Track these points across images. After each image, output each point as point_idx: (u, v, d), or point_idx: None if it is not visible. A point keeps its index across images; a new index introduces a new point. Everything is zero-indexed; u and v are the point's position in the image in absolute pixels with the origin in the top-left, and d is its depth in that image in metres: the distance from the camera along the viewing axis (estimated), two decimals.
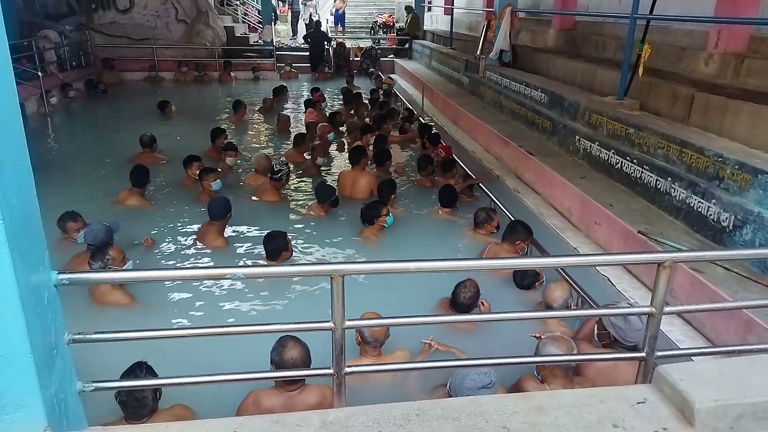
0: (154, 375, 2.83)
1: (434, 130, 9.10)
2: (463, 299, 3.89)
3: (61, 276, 1.81)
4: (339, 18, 21.37)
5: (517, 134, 7.75)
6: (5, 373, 1.61)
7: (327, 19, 21.21)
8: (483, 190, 6.44)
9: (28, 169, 1.67)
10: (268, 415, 2.01)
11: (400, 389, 3.31)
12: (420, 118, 10.52)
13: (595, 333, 3.41)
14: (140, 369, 2.76)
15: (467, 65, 11.56)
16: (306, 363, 2.89)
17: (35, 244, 1.70)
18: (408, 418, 1.86)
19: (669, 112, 5.95)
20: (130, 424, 2.63)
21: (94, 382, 1.94)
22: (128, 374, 2.76)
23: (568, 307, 3.83)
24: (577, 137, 6.53)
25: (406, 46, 18.05)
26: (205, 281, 4.44)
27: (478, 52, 10.85)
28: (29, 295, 1.61)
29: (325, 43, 17.05)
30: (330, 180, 7.08)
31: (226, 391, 3.05)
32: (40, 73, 10.99)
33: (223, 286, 4.50)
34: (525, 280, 4.50)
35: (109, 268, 3.98)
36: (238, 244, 5.37)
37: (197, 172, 6.39)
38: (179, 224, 5.74)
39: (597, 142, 6.10)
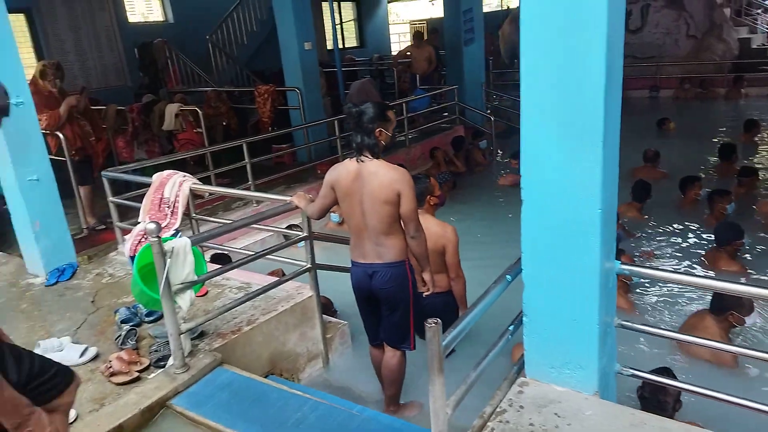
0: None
1: None
2: None
3: (622, 266, 2.05)
4: None
5: None
6: (576, 335, 1.95)
7: None
8: None
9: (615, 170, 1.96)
10: None
11: None
12: None
13: None
14: (667, 374, 2.77)
15: None
16: None
17: (611, 235, 1.98)
18: None
19: None
20: None
21: (630, 368, 2.13)
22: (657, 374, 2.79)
23: None
24: None
25: None
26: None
27: None
28: (604, 278, 1.90)
29: None
30: None
31: None
32: None
33: None
34: None
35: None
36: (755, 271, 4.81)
37: (699, 192, 6.20)
38: (676, 243, 5.57)
39: None
